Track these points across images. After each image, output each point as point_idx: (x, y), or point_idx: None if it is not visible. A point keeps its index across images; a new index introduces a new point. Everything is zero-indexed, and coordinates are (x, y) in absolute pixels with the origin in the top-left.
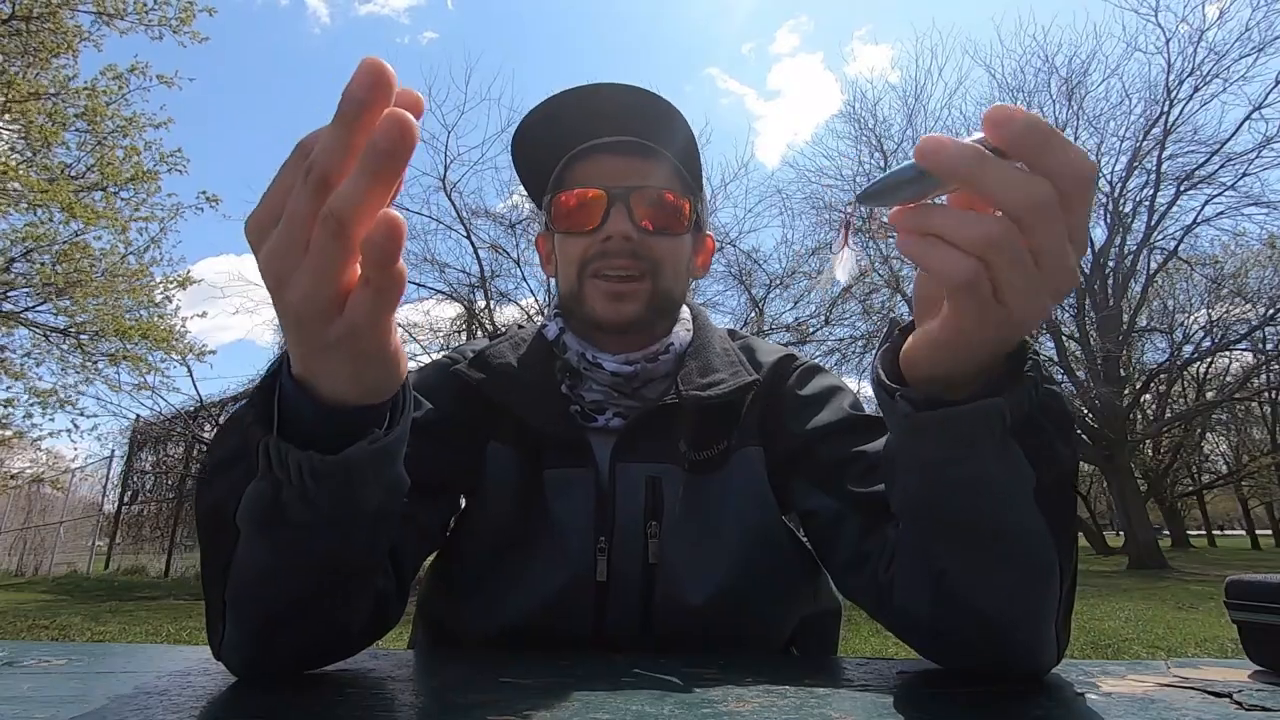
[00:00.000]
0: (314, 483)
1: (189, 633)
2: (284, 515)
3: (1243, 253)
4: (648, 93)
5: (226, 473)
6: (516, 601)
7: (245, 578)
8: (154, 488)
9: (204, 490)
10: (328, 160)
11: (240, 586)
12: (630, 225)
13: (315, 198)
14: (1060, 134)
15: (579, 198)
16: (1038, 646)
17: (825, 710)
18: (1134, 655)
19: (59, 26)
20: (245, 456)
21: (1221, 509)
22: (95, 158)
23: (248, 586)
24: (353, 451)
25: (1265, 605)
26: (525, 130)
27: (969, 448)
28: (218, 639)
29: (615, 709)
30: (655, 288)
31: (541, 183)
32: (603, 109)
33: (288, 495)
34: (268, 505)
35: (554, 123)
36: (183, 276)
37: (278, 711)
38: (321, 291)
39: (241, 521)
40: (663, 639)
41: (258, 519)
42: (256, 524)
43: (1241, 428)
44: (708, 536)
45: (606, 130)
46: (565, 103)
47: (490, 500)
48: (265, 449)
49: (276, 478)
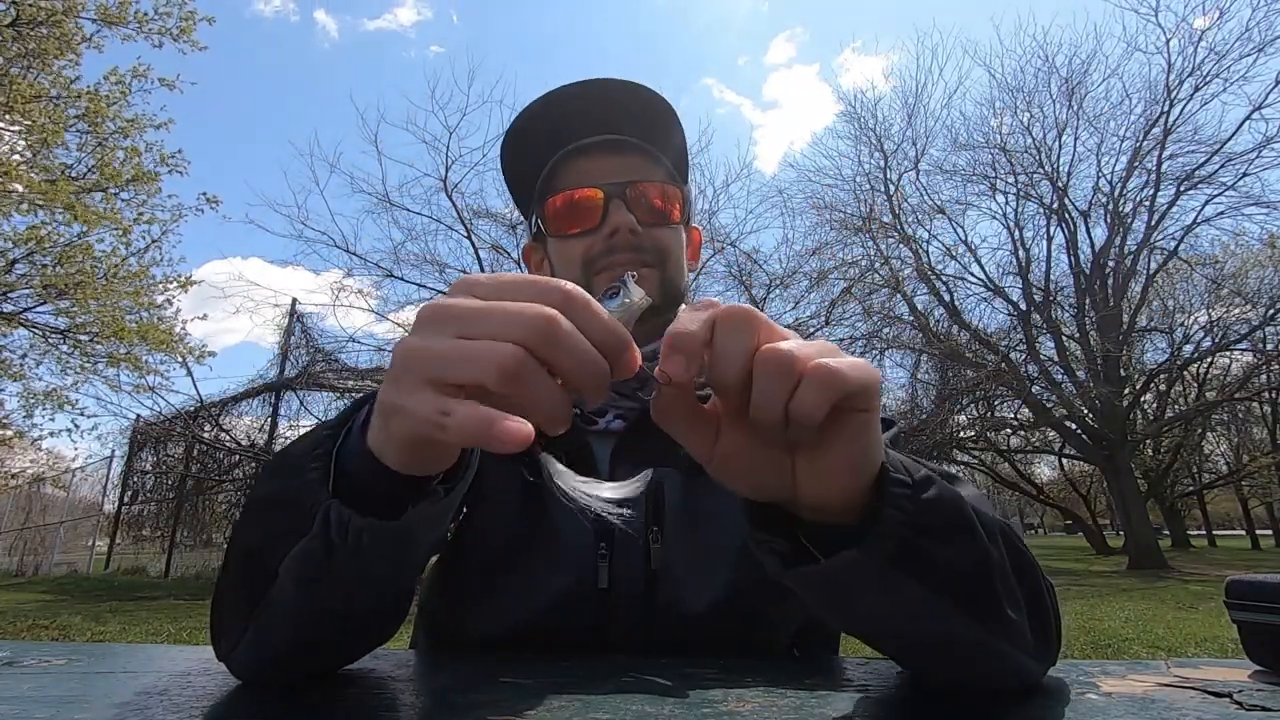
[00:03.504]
0: (371, 544)
1: (189, 633)
2: (332, 573)
3: (1243, 253)
4: (632, 86)
5: (268, 514)
6: (518, 608)
7: (275, 617)
8: (154, 488)
9: (241, 529)
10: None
11: (268, 622)
12: (631, 218)
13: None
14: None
15: (573, 199)
16: (1011, 670)
17: (825, 710)
18: (1134, 655)
19: (62, 31)
20: (289, 504)
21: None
22: (96, 159)
23: (278, 625)
24: (413, 517)
25: (1265, 605)
26: (507, 140)
27: (847, 591)
28: (227, 649)
29: (615, 709)
30: (663, 276)
31: (529, 193)
32: (585, 108)
33: (339, 556)
34: (318, 564)
35: (536, 127)
36: (184, 278)
37: (278, 712)
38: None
39: (286, 573)
40: (665, 645)
41: (306, 576)
42: (304, 581)
43: (1241, 428)
44: (709, 541)
45: (591, 130)
46: (545, 106)
47: (492, 504)
48: (325, 512)
49: (330, 539)
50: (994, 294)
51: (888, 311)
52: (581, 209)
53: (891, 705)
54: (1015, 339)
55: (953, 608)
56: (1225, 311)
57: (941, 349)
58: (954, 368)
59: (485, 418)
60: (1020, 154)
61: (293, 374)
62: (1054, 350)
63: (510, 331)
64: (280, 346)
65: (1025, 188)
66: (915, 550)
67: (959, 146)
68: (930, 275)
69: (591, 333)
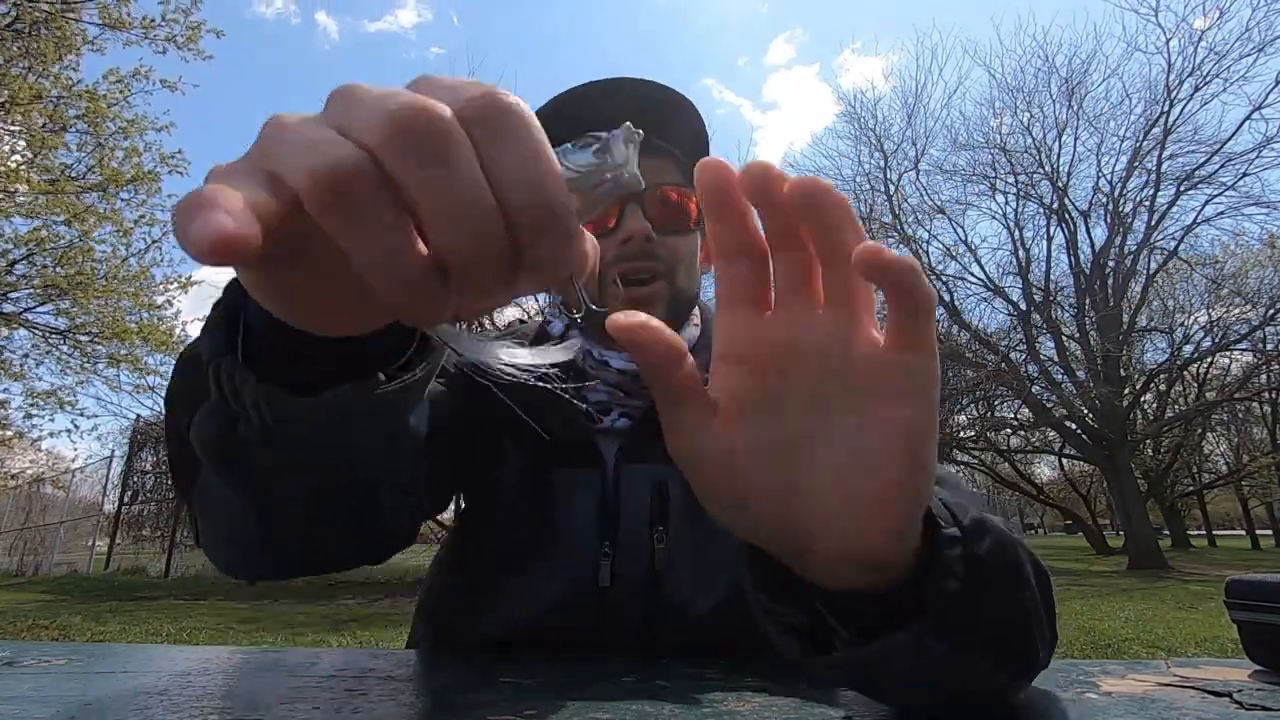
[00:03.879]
0: (279, 428)
1: (189, 633)
2: (245, 453)
3: (1243, 253)
4: (653, 84)
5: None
6: (519, 607)
7: (212, 507)
8: (154, 488)
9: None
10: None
11: (211, 512)
12: (646, 225)
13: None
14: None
15: None
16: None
17: (825, 710)
18: (1134, 655)
19: (63, 32)
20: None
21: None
22: (95, 159)
23: (219, 516)
24: (333, 396)
25: (1265, 605)
26: None
27: (876, 671)
28: (195, 536)
29: (615, 709)
30: (673, 288)
31: None
32: (610, 105)
33: (246, 432)
34: (221, 441)
35: (559, 123)
36: (184, 279)
37: (278, 711)
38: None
39: (200, 452)
40: (667, 645)
41: (213, 456)
42: (215, 458)
43: (1241, 428)
44: (712, 541)
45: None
46: (570, 101)
47: (492, 502)
48: (217, 373)
49: (231, 410)
50: (994, 294)
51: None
52: None
53: (891, 705)
54: (1015, 339)
55: (992, 669)
56: (1225, 311)
57: (941, 349)
58: (954, 368)
59: (198, 197)
60: (1020, 154)
61: None
62: (1054, 350)
63: (368, 125)
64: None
65: (1025, 188)
66: (958, 616)
67: (959, 146)
68: (930, 275)
69: (501, 164)
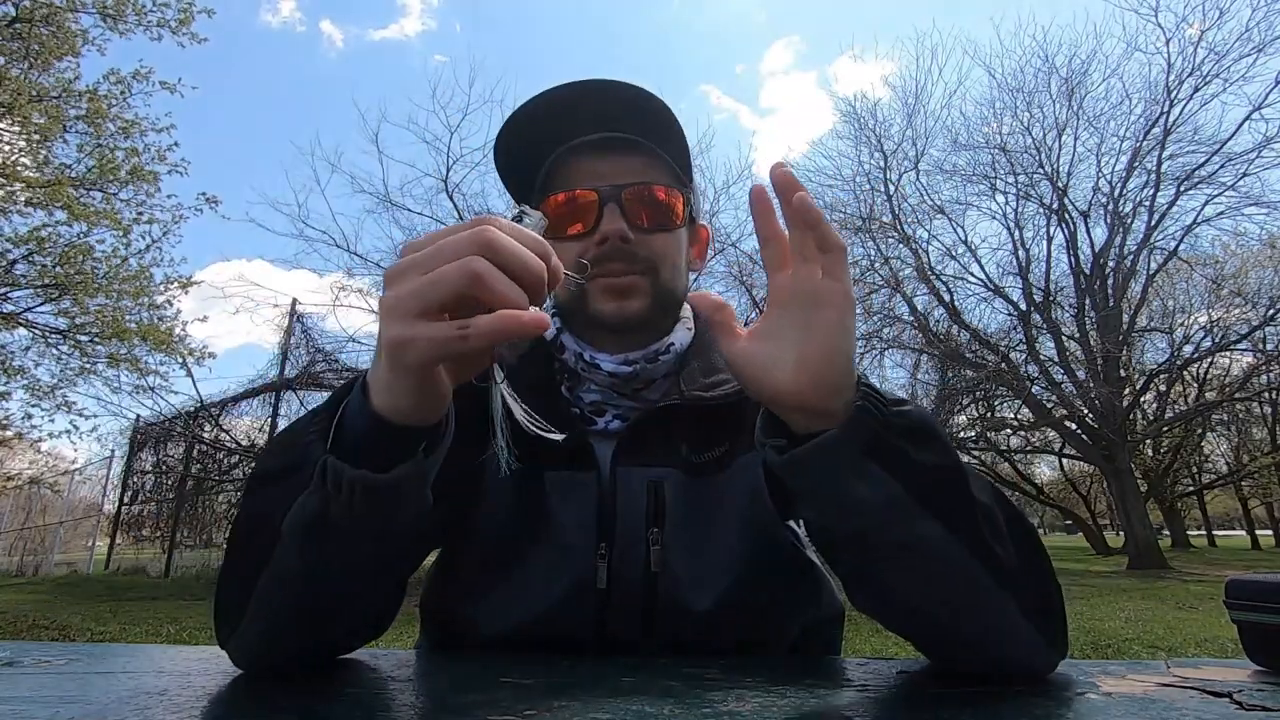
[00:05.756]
0: (363, 496)
1: (189, 633)
2: (327, 527)
3: (1243, 253)
4: (630, 86)
5: (275, 484)
6: (517, 608)
7: (277, 580)
8: (154, 488)
9: (248, 499)
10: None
11: (270, 587)
12: (624, 224)
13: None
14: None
15: (569, 200)
16: (997, 640)
17: (825, 710)
18: (1134, 655)
19: (62, 29)
20: (295, 471)
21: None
22: (95, 159)
23: (277, 589)
24: (401, 473)
25: (1265, 605)
26: (503, 138)
27: (831, 475)
28: (228, 632)
29: (615, 709)
30: (656, 285)
31: (526, 192)
32: (583, 106)
33: (335, 510)
34: (314, 516)
35: (534, 125)
36: (184, 279)
37: (278, 711)
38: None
39: (287, 530)
40: (664, 647)
41: (303, 527)
42: (300, 532)
43: (1241, 428)
44: (709, 542)
45: (589, 129)
46: (543, 104)
47: (492, 504)
48: (322, 466)
49: (327, 492)
50: (994, 294)
51: (888, 311)
52: (576, 211)
53: (891, 705)
54: (1015, 339)
55: (935, 517)
56: (1225, 312)
57: (941, 349)
58: (954, 368)
59: (500, 315)
60: (1020, 154)
61: (293, 374)
62: (1054, 350)
63: (460, 251)
64: (280, 347)
65: (1025, 188)
66: (888, 446)
67: (959, 146)
68: (930, 275)
69: (518, 241)
